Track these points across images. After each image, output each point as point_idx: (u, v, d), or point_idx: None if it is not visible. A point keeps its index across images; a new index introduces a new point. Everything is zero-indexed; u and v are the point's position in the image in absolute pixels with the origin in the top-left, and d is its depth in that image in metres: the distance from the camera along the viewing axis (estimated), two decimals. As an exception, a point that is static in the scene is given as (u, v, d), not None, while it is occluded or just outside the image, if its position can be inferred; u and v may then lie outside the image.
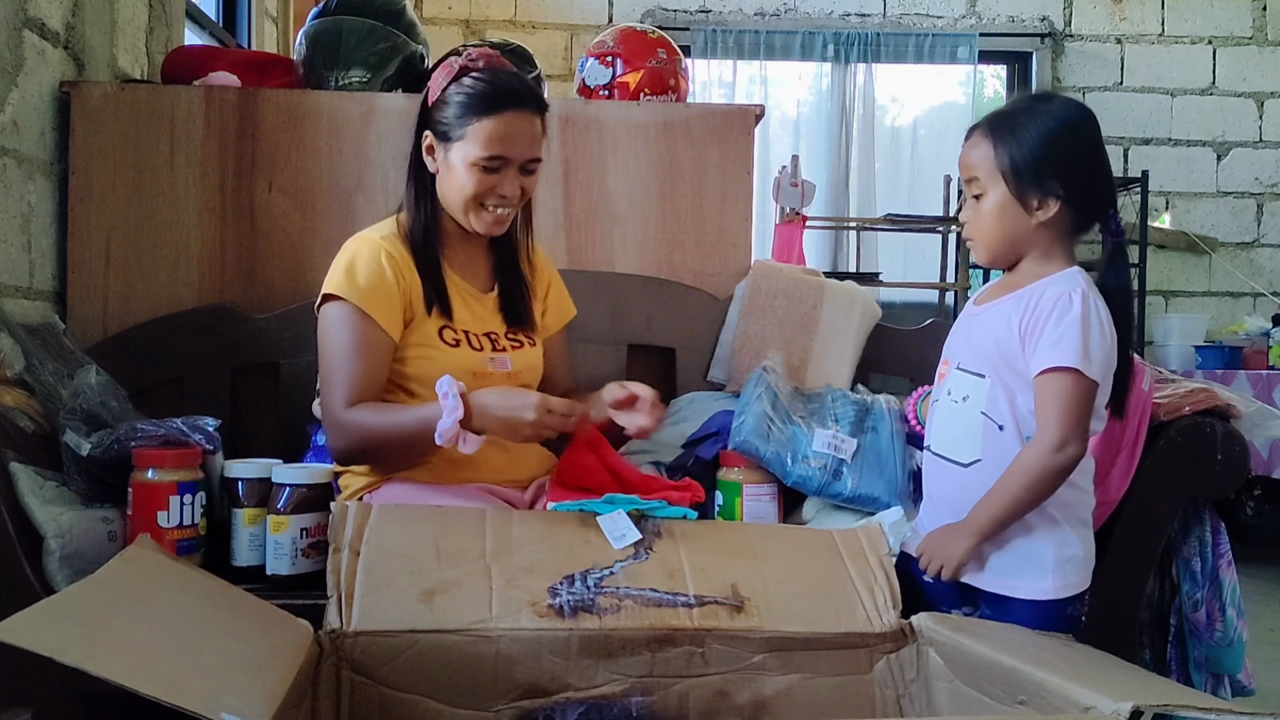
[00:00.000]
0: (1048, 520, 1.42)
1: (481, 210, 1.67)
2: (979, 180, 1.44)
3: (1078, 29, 5.12)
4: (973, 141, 1.46)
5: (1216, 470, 1.67)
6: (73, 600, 1.02)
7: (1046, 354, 1.37)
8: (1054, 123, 1.41)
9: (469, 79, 1.64)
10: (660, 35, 2.31)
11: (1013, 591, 1.43)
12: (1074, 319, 1.36)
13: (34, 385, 1.67)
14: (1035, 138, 1.40)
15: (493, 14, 4.99)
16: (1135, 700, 0.99)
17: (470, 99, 1.63)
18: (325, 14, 2.25)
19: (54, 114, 2.05)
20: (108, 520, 1.54)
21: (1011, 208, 1.42)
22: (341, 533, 1.35)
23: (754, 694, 1.30)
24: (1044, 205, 1.41)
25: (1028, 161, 1.40)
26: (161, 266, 2.07)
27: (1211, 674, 1.74)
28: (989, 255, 1.47)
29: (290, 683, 1.04)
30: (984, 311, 1.49)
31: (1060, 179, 1.40)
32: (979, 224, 1.45)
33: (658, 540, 1.42)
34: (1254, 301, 5.14)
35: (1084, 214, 1.44)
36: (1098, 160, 1.46)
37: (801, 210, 4.24)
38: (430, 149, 1.68)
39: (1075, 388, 1.36)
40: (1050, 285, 1.41)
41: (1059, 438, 1.36)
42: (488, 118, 1.61)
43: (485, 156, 1.62)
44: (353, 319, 1.60)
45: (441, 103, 1.65)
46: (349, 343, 1.60)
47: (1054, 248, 1.44)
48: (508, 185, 1.65)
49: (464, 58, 1.67)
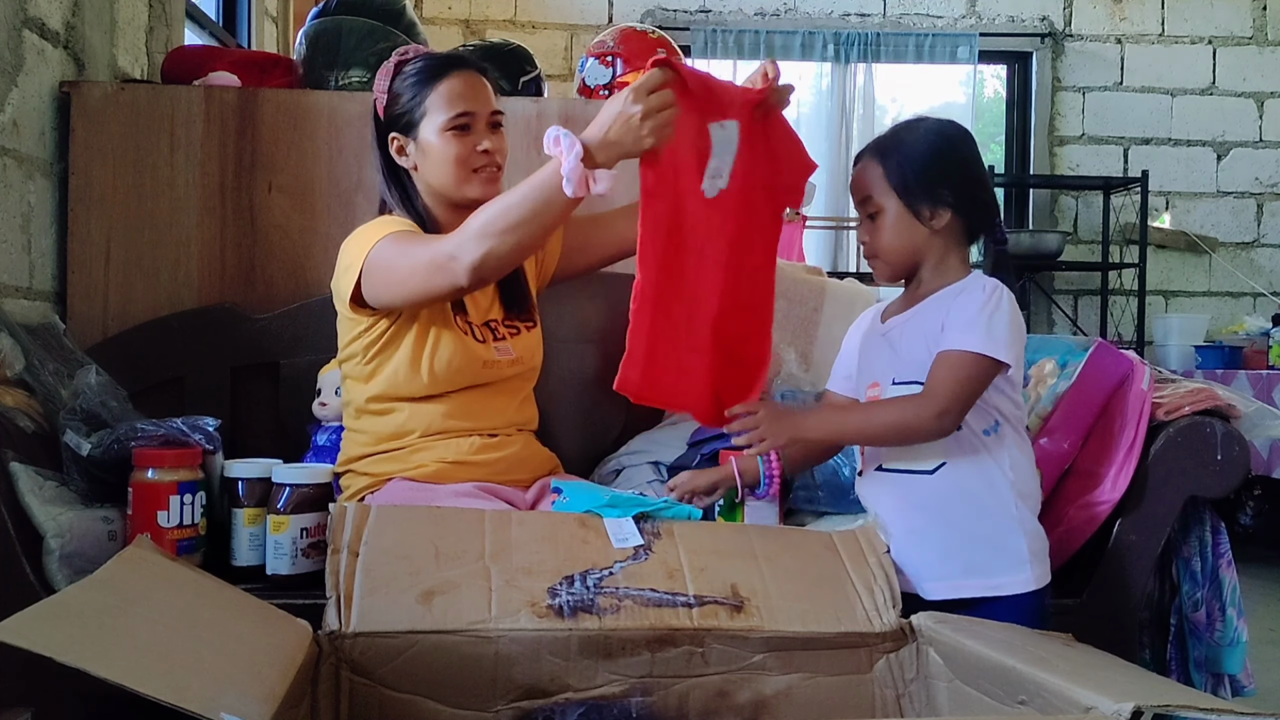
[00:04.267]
0: (1013, 512, 1.44)
1: (472, 175, 1.69)
2: (873, 199, 1.50)
3: (1078, 29, 5.12)
4: (862, 165, 1.53)
5: (1216, 470, 1.67)
6: (73, 600, 1.02)
7: (953, 337, 1.42)
8: (935, 137, 1.51)
9: (407, 67, 1.71)
10: (660, 35, 2.31)
11: (997, 590, 1.43)
12: (981, 307, 1.42)
13: (34, 385, 1.67)
14: (920, 152, 1.49)
15: (493, 14, 4.99)
16: (1135, 700, 0.99)
17: (417, 76, 1.69)
18: (325, 14, 2.25)
19: (54, 114, 2.05)
20: (108, 520, 1.54)
21: (906, 219, 1.49)
22: (340, 533, 1.35)
23: (754, 694, 1.30)
24: (936, 214, 1.48)
25: (916, 173, 1.48)
26: (161, 266, 2.07)
27: (1211, 674, 1.74)
28: (890, 269, 1.53)
29: (289, 683, 1.05)
30: (898, 326, 1.52)
31: (948, 187, 1.48)
32: (878, 240, 1.51)
33: (657, 540, 1.42)
34: (1254, 301, 5.14)
35: (974, 221, 1.52)
36: (980, 170, 1.54)
37: (801, 210, 4.24)
38: (400, 148, 1.71)
39: (973, 367, 1.40)
40: (966, 284, 1.47)
41: (944, 405, 1.39)
42: (439, 82, 1.67)
43: (453, 115, 1.66)
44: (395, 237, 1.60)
45: (391, 101, 1.71)
46: (407, 239, 1.60)
47: (949, 255, 1.51)
48: (485, 140, 1.68)
49: (394, 57, 1.74)
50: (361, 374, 1.70)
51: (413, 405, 1.68)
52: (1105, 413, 1.72)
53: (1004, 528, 1.44)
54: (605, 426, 2.05)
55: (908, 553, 1.46)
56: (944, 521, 1.44)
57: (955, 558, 1.44)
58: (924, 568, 1.45)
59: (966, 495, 1.44)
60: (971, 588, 1.44)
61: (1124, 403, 1.70)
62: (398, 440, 1.68)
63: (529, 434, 1.81)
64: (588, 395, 2.04)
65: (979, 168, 1.54)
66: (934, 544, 1.45)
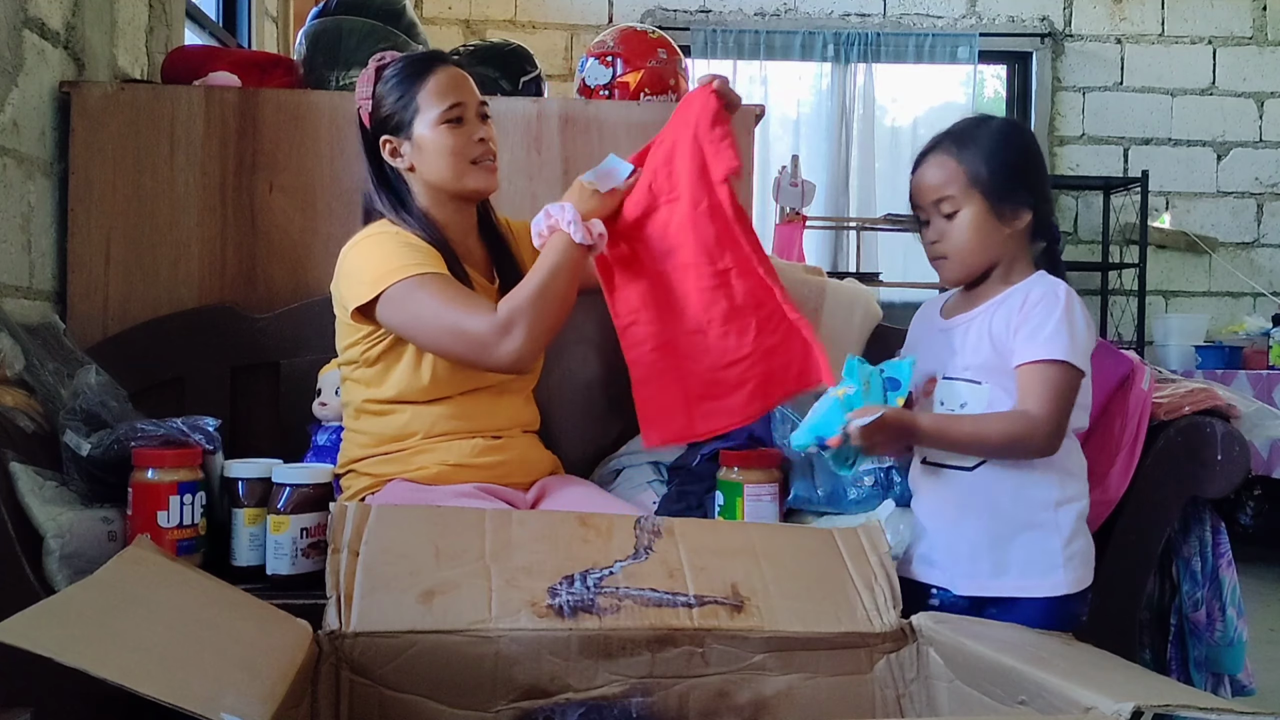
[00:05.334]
0: (1050, 515, 1.43)
1: (471, 166, 1.70)
2: (952, 197, 1.47)
3: (1078, 29, 5.12)
4: (935, 163, 1.49)
5: (1216, 470, 1.67)
6: (73, 600, 1.02)
7: (1035, 347, 1.39)
8: (1015, 135, 1.50)
9: (388, 70, 1.72)
10: (660, 35, 2.31)
11: (1024, 592, 1.43)
12: (1062, 313, 1.40)
13: (34, 385, 1.67)
14: (1003, 151, 1.46)
15: (493, 14, 4.99)
16: (1136, 700, 0.99)
17: (402, 76, 1.70)
18: (325, 14, 2.25)
19: (54, 114, 2.05)
20: (108, 520, 1.54)
21: (988, 220, 1.46)
22: (340, 533, 1.35)
23: (754, 694, 1.30)
24: (1018, 215, 1.46)
25: (1001, 173, 1.45)
26: (161, 266, 2.07)
27: (1211, 674, 1.74)
28: (963, 271, 1.50)
29: (289, 683, 1.04)
30: (962, 324, 1.50)
31: (1028, 187, 1.46)
32: (953, 241, 1.48)
33: (657, 540, 1.42)
34: (1254, 301, 5.14)
35: (1042, 223, 1.50)
36: (1046, 170, 1.54)
37: (801, 210, 4.24)
38: (394, 150, 1.71)
39: (1066, 380, 1.39)
40: (1034, 285, 1.45)
41: (1055, 424, 1.38)
42: (427, 78, 1.69)
43: (446, 107, 1.68)
44: (421, 281, 1.60)
45: (377, 104, 1.71)
46: (436, 292, 1.60)
47: (1020, 256, 1.49)
48: (480, 130, 1.71)
49: (372, 63, 1.74)
50: (363, 376, 1.70)
51: (415, 407, 1.68)
52: (1105, 413, 1.72)
53: (1038, 530, 1.43)
54: (605, 427, 2.05)
55: (940, 547, 1.47)
56: (976, 518, 1.44)
57: (984, 556, 1.44)
58: (955, 563, 1.46)
59: (1004, 494, 1.43)
60: (999, 587, 1.44)
61: (1124, 403, 1.70)
62: (399, 442, 1.68)
63: (532, 435, 1.81)
64: (588, 396, 2.04)
65: (1045, 167, 1.54)
66: (966, 539, 1.45)
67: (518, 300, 1.57)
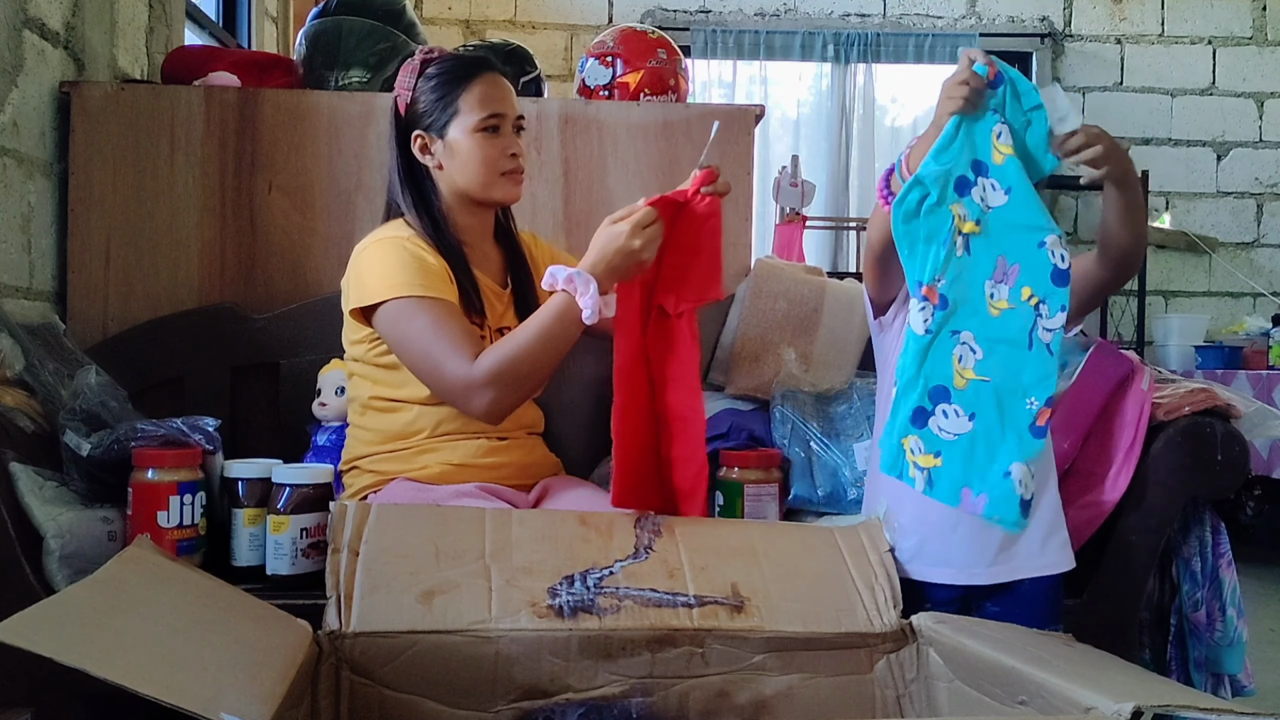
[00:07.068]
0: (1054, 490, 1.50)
1: (500, 178, 1.70)
2: None
3: (1078, 29, 5.12)
4: None
5: (1216, 470, 1.67)
6: (73, 600, 1.02)
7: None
8: None
9: (433, 67, 1.70)
10: (660, 35, 2.31)
11: (1047, 570, 1.47)
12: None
13: (34, 385, 1.67)
14: None
15: (493, 14, 4.99)
16: (1136, 700, 0.99)
17: (446, 76, 1.69)
18: (325, 14, 2.25)
19: (54, 114, 2.05)
20: (108, 520, 1.54)
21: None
22: (340, 533, 1.35)
23: (754, 694, 1.30)
24: None
25: None
26: (161, 266, 2.07)
27: (1211, 674, 1.74)
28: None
29: (289, 683, 1.05)
30: None
31: None
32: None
33: (657, 539, 1.42)
34: (1254, 301, 5.14)
35: None
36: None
37: (801, 210, 4.24)
38: (425, 147, 1.70)
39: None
40: None
41: None
42: (471, 83, 1.68)
43: (484, 117, 1.67)
44: (420, 305, 1.59)
45: (416, 100, 1.70)
46: (430, 321, 1.58)
47: None
48: (514, 144, 1.71)
49: (419, 55, 1.72)
50: (370, 373, 1.70)
51: (422, 406, 1.67)
52: (1105, 413, 1.72)
53: (1052, 503, 1.50)
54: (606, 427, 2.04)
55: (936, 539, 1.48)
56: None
57: (985, 543, 1.46)
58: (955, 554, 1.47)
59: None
60: (1021, 569, 1.47)
61: (1124, 403, 1.70)
62: (404, 440, 1.68)
63: (536, 437, 1.81)
64: (589, 396, 2.04)
65: None
66: (965, 525, 1.46)
67: (501, 358, 1.54)
